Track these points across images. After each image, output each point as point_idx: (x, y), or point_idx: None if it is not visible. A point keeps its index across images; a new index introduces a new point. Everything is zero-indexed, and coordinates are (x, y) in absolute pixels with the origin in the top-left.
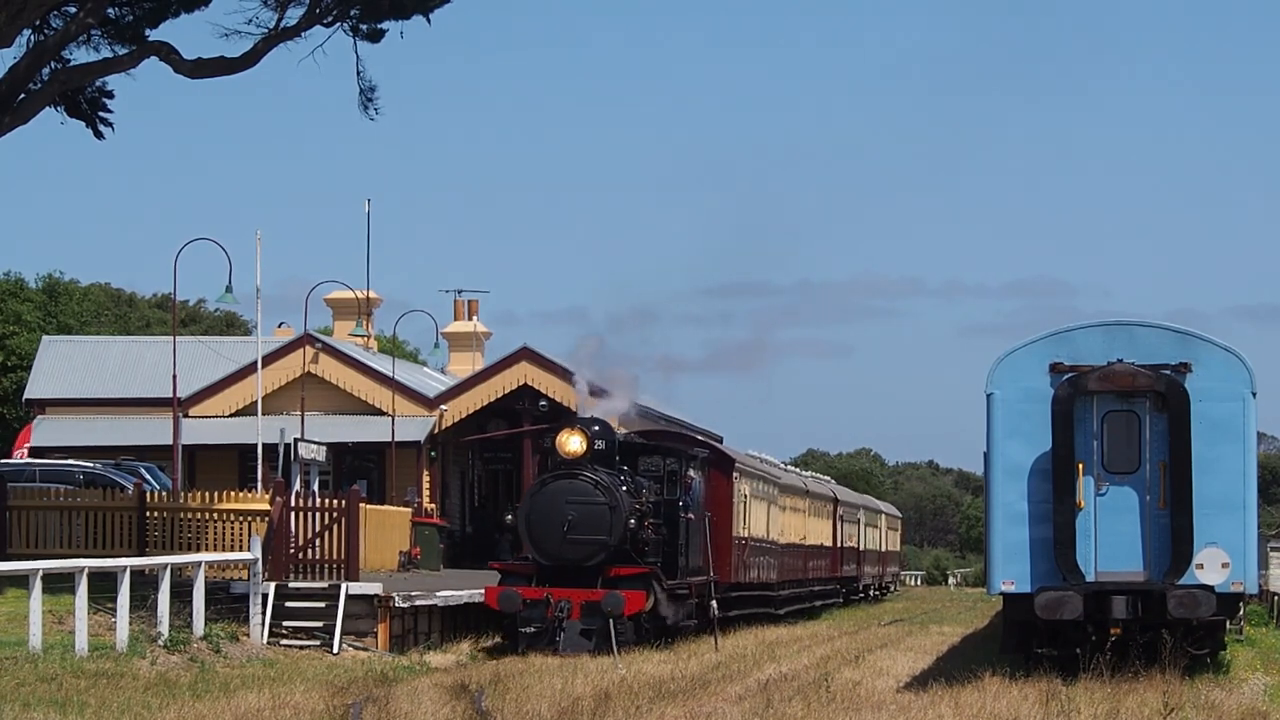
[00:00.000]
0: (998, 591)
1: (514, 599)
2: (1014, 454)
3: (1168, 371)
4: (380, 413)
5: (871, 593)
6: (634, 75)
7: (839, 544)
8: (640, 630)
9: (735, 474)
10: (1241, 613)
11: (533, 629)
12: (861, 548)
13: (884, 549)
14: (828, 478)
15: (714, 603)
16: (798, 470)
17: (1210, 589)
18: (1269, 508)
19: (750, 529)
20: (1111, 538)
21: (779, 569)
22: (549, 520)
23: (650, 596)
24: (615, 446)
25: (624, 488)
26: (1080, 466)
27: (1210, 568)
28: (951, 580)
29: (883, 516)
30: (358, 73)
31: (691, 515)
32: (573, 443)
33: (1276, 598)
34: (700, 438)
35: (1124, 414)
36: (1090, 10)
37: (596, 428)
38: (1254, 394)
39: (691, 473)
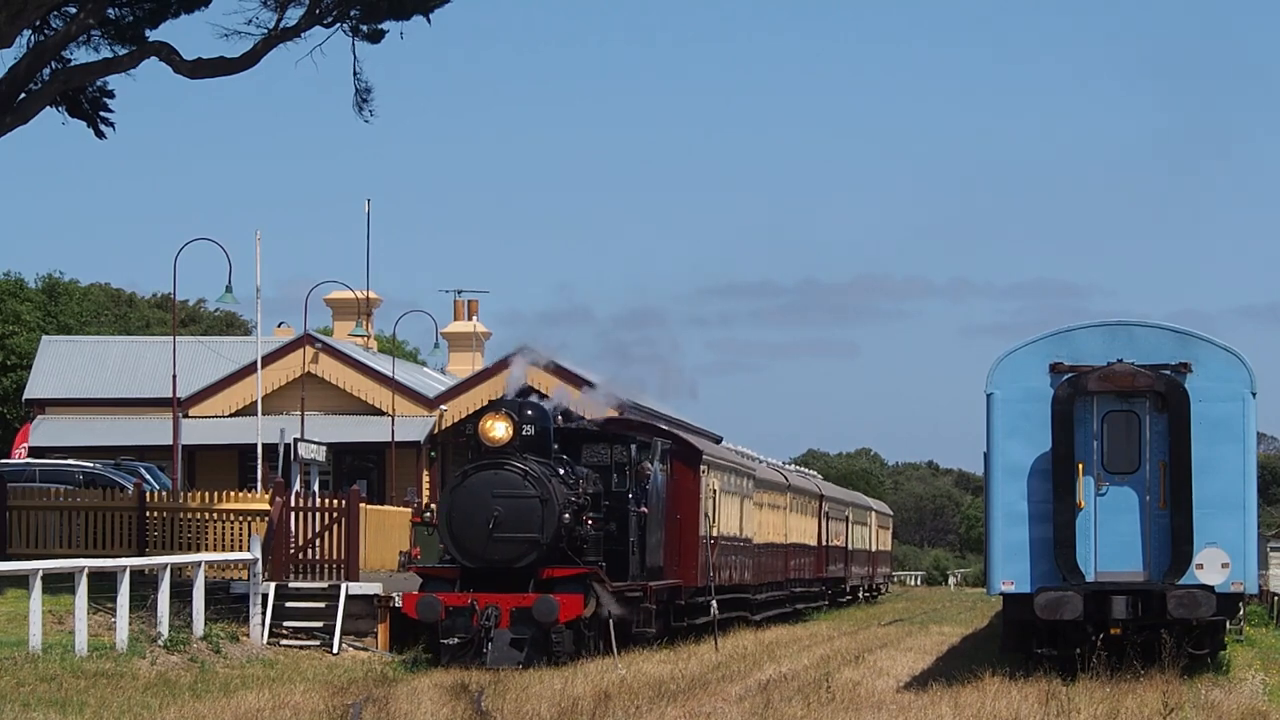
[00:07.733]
0: (998, 591)
1: (434, 606)
2: (1014, 454)
3: (1168, 371)
4: (380, 413)
5: (860, 595)
6: (635, 74)
7: (824, 543)
8: (581, 638)
9: (703, 467)
10: (1241, 613)
11: (456, 640)
12: (849, 547)
13: (874, 548)
14: (813, 472)
15: (714, 603)
16: (779, 464)
17: (1210, 589)
18: (1269, 508)
19: (721, 526)
20: (1111, 538)
21: (754, 570)
22: (473, 517)
23: (591, 600)
24: (550, 433)
25: (558, 479)
26: (1080, 466)
27: (1210, 568)
28: (951, 580)
29: (873, 514)
30: (354, 74)
31: (645, 509)
32: (497, 429)
33: (1276, 598)
34: (665, 427)
35: (1124, 414)
36: (1095, 12)
37: (529, 412)
38: (1254, 394)
39: (648, 463)
